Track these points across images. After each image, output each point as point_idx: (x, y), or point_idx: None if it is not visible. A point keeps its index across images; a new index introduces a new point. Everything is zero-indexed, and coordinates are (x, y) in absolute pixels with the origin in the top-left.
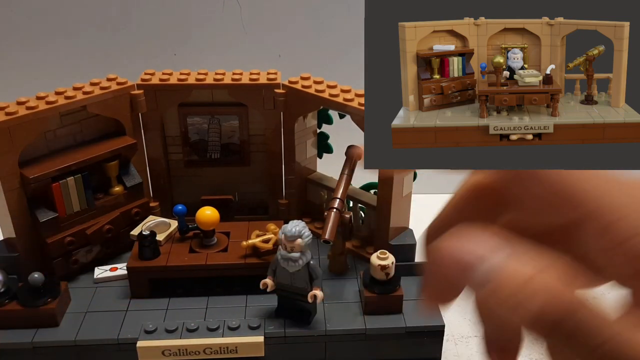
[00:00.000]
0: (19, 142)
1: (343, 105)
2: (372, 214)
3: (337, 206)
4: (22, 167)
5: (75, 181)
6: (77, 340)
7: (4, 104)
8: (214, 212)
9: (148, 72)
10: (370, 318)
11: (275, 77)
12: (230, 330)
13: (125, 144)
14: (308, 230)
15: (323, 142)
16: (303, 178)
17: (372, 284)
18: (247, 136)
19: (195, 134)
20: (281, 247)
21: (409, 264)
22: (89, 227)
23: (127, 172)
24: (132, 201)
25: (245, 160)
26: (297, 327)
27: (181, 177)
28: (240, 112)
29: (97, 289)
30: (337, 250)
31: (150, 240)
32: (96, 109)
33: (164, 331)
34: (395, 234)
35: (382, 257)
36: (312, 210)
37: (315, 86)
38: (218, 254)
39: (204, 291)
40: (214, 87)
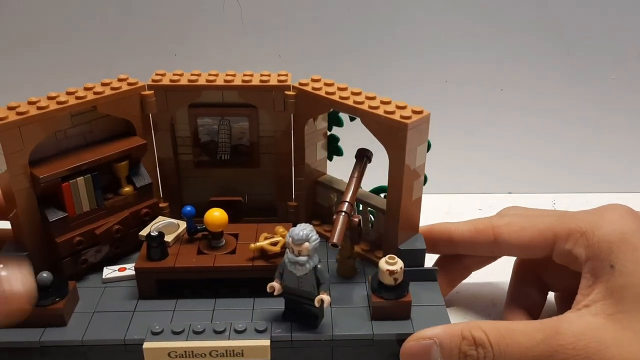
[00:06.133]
0: (29, 141)
1: (354, 108)
2: (382, 217)
3: (346, 210)
4: (32, 167)
5: (85, 181)
6: (84, 340)
7: (15, 104)
8: (222, 213)
9: (159, 73)
10: (378, 323)
11: (285, 78)
12: (237, 333)
13: (135, 144)
14: (316, 233)
15: (333, 145)
16: (312, 180)
17: (380, 289)
18: (257, 138)
19: (206, 135)
20: (288, 250)
21: (418, 269)
22: (98, 227)
23: (137, 172)
24: (141, 201)
25: (255, 162)
26: (304, 331)
27: (191, 177)
28: (250, 114)
29: (105, 289)
30: (346, 253)
31: (159, 241)
32: (106, 109)
33: (170, 333)
34: (404, 239)
35: (390, 262)
36: (322, 212)
37: (326, 88)
38: (226, 256)
39: (212, 293)
40: (224, 89)
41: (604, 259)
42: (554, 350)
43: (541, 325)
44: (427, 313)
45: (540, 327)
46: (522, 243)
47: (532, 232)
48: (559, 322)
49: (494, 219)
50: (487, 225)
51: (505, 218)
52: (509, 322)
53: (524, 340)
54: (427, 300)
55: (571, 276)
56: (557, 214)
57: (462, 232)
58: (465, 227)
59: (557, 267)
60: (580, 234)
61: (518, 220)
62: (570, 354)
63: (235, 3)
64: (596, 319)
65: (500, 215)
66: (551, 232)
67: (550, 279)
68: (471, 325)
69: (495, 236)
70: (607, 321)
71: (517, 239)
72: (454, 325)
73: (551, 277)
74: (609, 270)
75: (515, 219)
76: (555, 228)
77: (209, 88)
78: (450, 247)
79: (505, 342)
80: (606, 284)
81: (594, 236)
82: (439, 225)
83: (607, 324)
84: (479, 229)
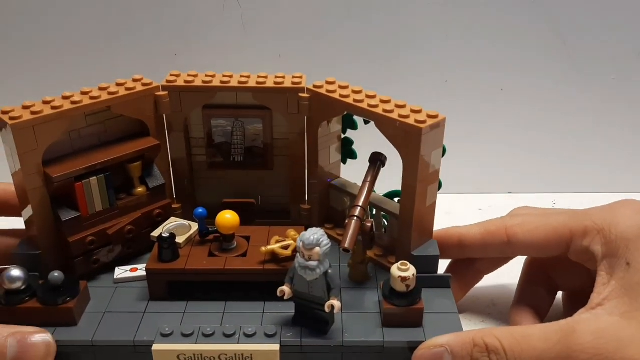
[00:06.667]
0: (43, 141)
1: (368, 112)
2: (395, 222)
3: (358, 214)
4: (45, 166)
5: (98, 181)
6: (94, 341)
7: (30, 103)
8: (234, 216)
9: (173, 74)
10: (389, 330)
11: (300, 81)
12: (246, 337)
13: (149, 145)
14: (327, 238)
15: (347, 148)
16: (326, 183)
17: (392, 296)
18: (270, 140)
19: (220, 136)
20: (299, 254)
21: (431, 275)
22: (111, 227)
23: (150, 173)
24: (154, 202)
25: (268, 164)
26: (314, 336)
27: (204, 179)
28: (264, 116)
29: (116, 289)
30: (358, 258)
31: (170, 243)
32: (121, 110)
33: (180, 335)
34: (417, 245)
35: (403, 269)
36: (335, 216)
37: (340, 91)
38: (237, 259)
39: (222, 295)
40: (239, 90)
41: (621, 257)
42: (572, 351)
43: (557, 327)
44: (440, 321)
45: (556, 329)
46: (537, 242)
47: (546, 231)
48: (574, 322)
49: (506, 220)
50: (500, 226)
51: (518, 218)
52: (524, 327)
53: (540, 344)
54: (440, 307)
55: (582, 276)
56: (570, 212)
57: (473, 235)
58: (476, 229)
59: (568, 267)
60: (597, 231)
61: (531, 219)
62: (591, 354)
63: (235, 3)
64: (613, 318)
65: (512, 216)
66: (567, 230)
67: (560, 279)
68: (484, 332)
69: (509, 237)
70: (623, 319)
71: (532, 238)
72: (465, 332)
73: (561, 276)
74: (625, 267)
75: (528, 218)
76: (571, 226)
77: (224, 89)
78: (460, 251)
79: (520, 347)
80: (622, 281)
81: (611, 233)
82: (447, 230)
83: (623, 322)
84: (491, 230)
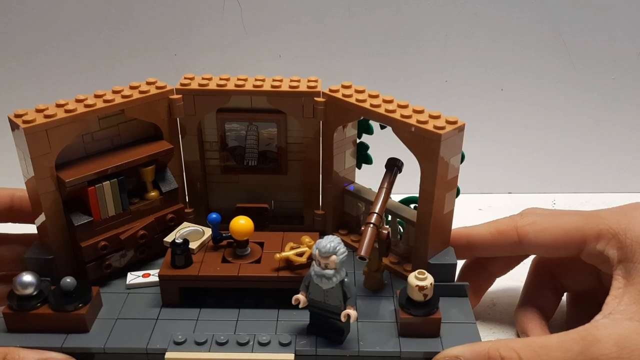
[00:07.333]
0: (56, 144)
1: (385, 117)
2: (412, 230)
3: (374, 221)
4: (58, 170)
5: (111, 185)
6: (106, 348)
7: (43, 106)
8: (248, 222)
9: (187, 77)
10: (406, 340)
11: (315, 84)
12: (261, 345)
13: (162, 148)
14: (343, 246)
15: (362, 153)
16: (340, 189)
17: (408, 305)
18: (285, 144)
19: (234, 140)
20: (315, 262)
21: (448, 284)
22: (123, 232)
23: (164, 177)
24: (167, 207)
25: (282, 169)
26: (329, 346)
27: (217, 183)
28: (278, 120)
29: (129, 295)
30: (373, 266)
31: (183, 249)
32: (134, 113)
33: (193, 343)
34: (434, 252)
35: (420, 278)
36: (349, 222)
37: (357, 95)
38: (250, 266)
39: (235, 302)
40: (253, 94)
41: (637, 261)
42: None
43: (576, 336)
44: (457, 331)
45: (576, 338)
46: (548, 243)
47: (557, 232)
48: (595, 330)
49: (516, 219)
50: (510, 225)
51: (529, 217)
52: (541, 338)
53: (560, 355)
54: (457, 317)
55: (589, 277)
56: (583, 214)
57: (482, 235)
58: (486, 229)
59: (575, 268)
60: (611, 235)
61: (543, 219)
62: None
63: (235, 3)
64: (633, 323)
65: (523, 215)
66: (579, 233)
67: (566, 280)
68: (500, 344)
69: (520, 236)
70: None
71: (543, 238)
72: (481, 343)
73: (568, 278)
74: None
75: (540, 218)
76: (584, 228)
77: (238, 93)
78: (468, 251)
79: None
80: (639, 286)
81: (626, 238)
82: (455, 231)
83: None
84: (501, 229)
